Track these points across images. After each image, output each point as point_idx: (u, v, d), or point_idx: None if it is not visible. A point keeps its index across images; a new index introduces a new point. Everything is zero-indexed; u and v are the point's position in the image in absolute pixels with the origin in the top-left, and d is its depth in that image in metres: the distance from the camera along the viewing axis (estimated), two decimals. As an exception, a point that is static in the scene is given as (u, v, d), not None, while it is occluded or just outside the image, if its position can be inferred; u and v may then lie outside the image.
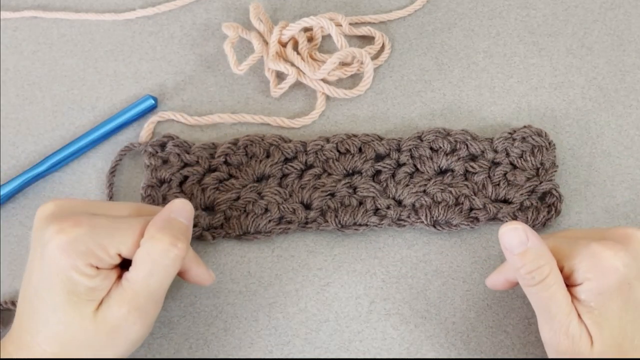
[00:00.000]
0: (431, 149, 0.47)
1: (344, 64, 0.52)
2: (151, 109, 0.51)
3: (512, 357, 0.43)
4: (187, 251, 0.38)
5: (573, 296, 0.37)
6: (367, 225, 0.46)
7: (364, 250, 0.46)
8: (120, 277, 0.37)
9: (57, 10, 0.56)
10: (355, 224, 0.46)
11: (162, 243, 0.36)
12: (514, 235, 0.37)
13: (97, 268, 0.36)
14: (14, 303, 0.44)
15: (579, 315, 0.36)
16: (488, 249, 0.46)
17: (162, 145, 0.48)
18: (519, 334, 0.43)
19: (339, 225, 0.46)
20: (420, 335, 0.43)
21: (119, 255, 0.37)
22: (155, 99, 0.51)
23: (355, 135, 0.48)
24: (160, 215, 0.38)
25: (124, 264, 0.38)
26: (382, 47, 0.53)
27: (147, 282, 0.36)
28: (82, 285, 0.35)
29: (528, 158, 0.46)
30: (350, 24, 0.54)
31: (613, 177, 0.48)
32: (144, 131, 0.50)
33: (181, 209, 0.39)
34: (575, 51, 0.53)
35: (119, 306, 0.36)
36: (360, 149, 0.48)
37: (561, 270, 0.37)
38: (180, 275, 0.41)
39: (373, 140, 0.48)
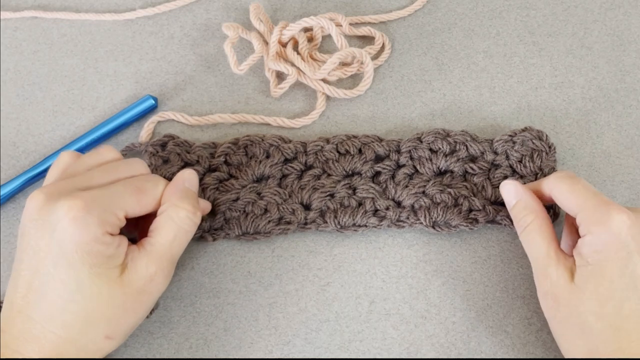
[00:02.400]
0: (430, 150, 0.47)
1: (344, 64, 0.52)
2: (151, 109, 0.51)
3: (512, 357, 0.43)
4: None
5: (576, 248, 0.39)
6: (366, 226, 0.46)
7: (364, 250, 0.46)
8: (134, 244, 0.39)
9: (57, 10, 0.56)
10: (354, 224, 0.46)
11: (185, 211, 0.40)
12: (507, 190, 0.43)
13: (111, 235, 0.38)
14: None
15: (573, 263, 0.39)
16: (488, 249, 0.46)
17: (163, 145, 0.48)
18: (519, 334, 0.43)
19: (338, 226, 0.46)
20: (420, 335, 0.43)
21: (125, 216, 0.39)
22: (155, 99, 0.51)
23: (355, 137, 0.48)
24: (176, 185, 0.41)
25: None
26: (382, 47, 0.53)
27: (171, 245, 0.40)
28: (102, 255, 0.37)
29: (527, 164, 0.46)
30: (350, 24, 0.54)
31: (613, 177, 0.48)
32: (144, 131, 0.50)
33: (191, 179, 0.42)
34: (575, 51, 0.53)
35: (146, 268, 0.38)
36: (360, 150, 0.48)
37: (575, 217, 0.40)
38: None
39: (373, 142, 0.48)
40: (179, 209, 0.40)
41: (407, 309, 0.44)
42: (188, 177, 0.42)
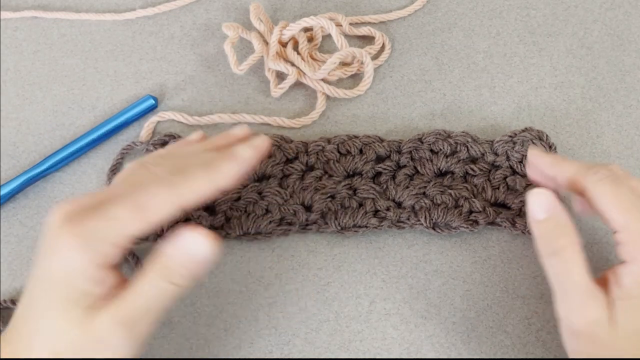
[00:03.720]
0: (431, 150, 0.47)
1: (344, 64, 0.52)
2: (151, 109, 0.51)
3: (512, 357, 0.43)
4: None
5: (613, 273, 0.35)
6: (366, 227, 0.46)
7: (364, 250, 0.46)
8: (118, 286, 0.36)
9: (57, 10, 0.56)
10: (355, 225, 0.46)
11: (170, 285, 0.35)
12: (539, 200, 0.36)
13: (101, 268, 0.35)
14: (13, 302, 0.44)
15: (606, 291, 0.34)
16: (488, 249, 0.46)
17: (164, 144, 0.48)
18: (519, 334, 0.43)
19: (339, 227, 0.46)
20: (420, 335, 0.43)
21: (129, 238, 0.35)
22: (155, 99, 0.51)
23: (356, 137, 0.48)
24: (176, 254, 0.36)
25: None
26: (382, 47, 0.53)
27: (145, 306, 0.35)
28: (78, 290, 0.34)
29: None
30: (350, 24, 0.54)
31: (613, 177, 0.48)
32: (144, 131, 0.50)
33: (195, 248, 0.36)
34: (575, 51, 0.53)
35: (110, 321, 0.34)
36: (361, 150, 0.48)
37: (614, 233, 0.35)
38: None
39: (374, 142, 0.48)
40: (161, 281, 0.35)
41: (407, 309, 0.44)
42: (188, 247, 0.36)
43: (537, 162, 0.40)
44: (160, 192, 0.36)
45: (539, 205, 0.37)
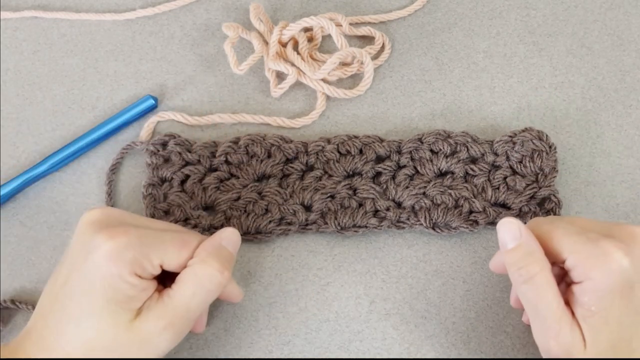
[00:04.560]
0: (431, 151, 0.47)
1: (344, 64, 0.52)
2: (151, 109, 0.51)
3: (512, 357, 0.43)
4: (229, 278, 0.39)
5: (572, 295, 0.36)
6: (366, 227, 0.46)
7: (364, 250, 0.46)
8: (158, 291, 0.38)
9: (57, 10, 0.56)
10: (354, 225, 0.46)
11: (211, 268, 0.38)
12: (507, 229, 0.37)
13: (140, 277, 0.37)
14: (13, 302, 0.44)
15: (573, 315, 0.35)
16: (488, 250, 0.46)
17: (164, 144, 0.48)
18: (519, 334, 0.43)
19: (339, 227, 0.45)
20: (420, 335, 0.43)
21: (161, 266, 0.38)
22: (155, 99, 0.51)
23: (356, 137, 0.48)
24: (212, 241, 0.39)
25: (161, 280, 0.39)
26: (382, 47, 0.53)
27: (188, 302, 0.37)
28: (123, 294, 0.36)
29: (527, 164, 0.46)
30: (350, 24, 0.54)
31: (613, 177, 0.48)
32: (144, 131, 0.50)
33: (231, 239, 0.40)
34: (575, 51, 0.53)
35: (157, 320, 0.37)
36: (361, 151, 0.48)
37: (562, 263, 0.36)
38: None
39: (374, 142, 0.48)
40: (205, 266, 0.38)
41: (407, 309, 0.44)
42: (227, 236, 0.40)
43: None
44: (198, 237, 0.40)
45: (508, 233, 0.37)
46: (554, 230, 0.37)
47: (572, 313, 0.36)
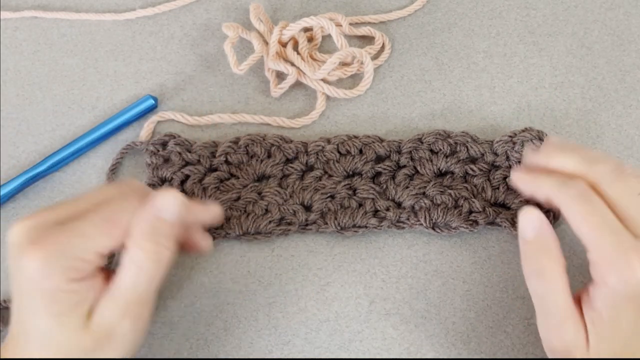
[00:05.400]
0: (431, 151, 0.47)
1: (344, 64, 0.52)
2: (151, 109, 0.51)
3: (512, 357, 0.43)
4: (173, 249, 0.37)
5: (587, 295, 0.35)
6: (366, 227, 0.46)
7: (364, 250, 0.46)
8: (105, 279, 0.37)
9: (57, 10, 0.56)
10: (354, 225, 0.46)
11: (145, 252, 0.36)
12: (529, 220, 0.37)
13: (79, 280, 0.35)
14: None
15: (582, 314, 0.35)
16: (488, 249, 0.46)
17: (164, 144, 0.48)
18: (519, 334, 0.43)
19: (339, 227, 0.46)
20: (420, 335, 0.43)
21: (100, 254, 0.36)
22: (155, 99, 0.51)
23: (356, 137, 0.48)
24: (144, 219, 0.37)
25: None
26: (382, 47, 0.53)
27: (135, 288, 0.36)
28: (67, 304, 0.35)
29: None
30: (350, 24, 0.54)
31: (613, 177, 0.48)
32: (144, 131, 0.50)
33: (165, 206, 0.37)
34: (575, 51, 0.53)
35: (111, 312, 0.36)
36: (360, 151, 0.48)
37: (587, 252, 0.35)
38: (179, 249, 0.40)
39: (374, 142, 0.48)
40: (137, 250, 0.36)
41: (407, 309, 0.44)
42: (160, 205, 0.37)
43: (518, 183, 0.41)
44: (127, 206, 0.36)
45: (529, 224, 0.37)
46: (584, 211, 0.35)
47: (582, 311, 0.35)
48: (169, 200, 0.37)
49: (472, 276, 0.45)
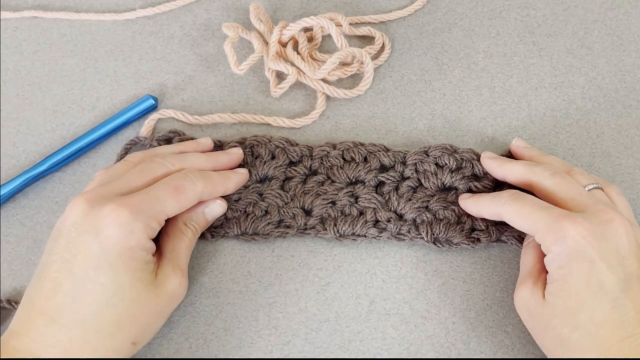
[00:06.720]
0: (437, 164, 0.47)
1: (344, 64, 0.52)
2: (151, 109, 0.51)
3: (512, 357, 0.43)
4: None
5: (546, 262, 0.39)
6: (365, 236, 0.45)
7: (363, 250, 0.46)
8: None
9: (57, 10, 0.56)
10: (353, 234, 0.45)
11: (192, 231, 0.43)
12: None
13: (151, 240, 0.39)
14: (9, 302, 0.44)
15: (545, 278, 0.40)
16: (488, 250, 0.46)
17: (168, 140, 0.48)
18: (519, 334, 0.43)
19: (337, 235, 0.45)
20: (420, 335, 0.43)
21: (166, 218, 0.41)
22: (155, 99, 0.51)
23: (362, 144, 0.48)
24: (198, 211, 0.44)
25: None
26: (382, 47, 0.53)
27: (187, 255, 0.43)
28: (143, 260, 0.39)
29: None
30: (350, 24, 0.54)
31: (613, 177, 0.48)
32: (144, 128, 0.50)
33: (213, 212, 0.45)
34: (575, 51, 0.53)
35: (175, 274, 0.40)
36: (365, 159, 0.47)
37: (535, 238, 0.40)
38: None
39: (379, 151, 0.47)
40: (188, 229, 0.43)
41: (407, 309, 0.44)
42: (211, 211, 0.44)
43: (466, 209, 0.45)
44: (198, 182, 0.42)
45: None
46: (522, 210, 0.40)
47: (545, 273, 0.40)
48: (217, 210, 0.45)
49: (472, 276, 0.45)
